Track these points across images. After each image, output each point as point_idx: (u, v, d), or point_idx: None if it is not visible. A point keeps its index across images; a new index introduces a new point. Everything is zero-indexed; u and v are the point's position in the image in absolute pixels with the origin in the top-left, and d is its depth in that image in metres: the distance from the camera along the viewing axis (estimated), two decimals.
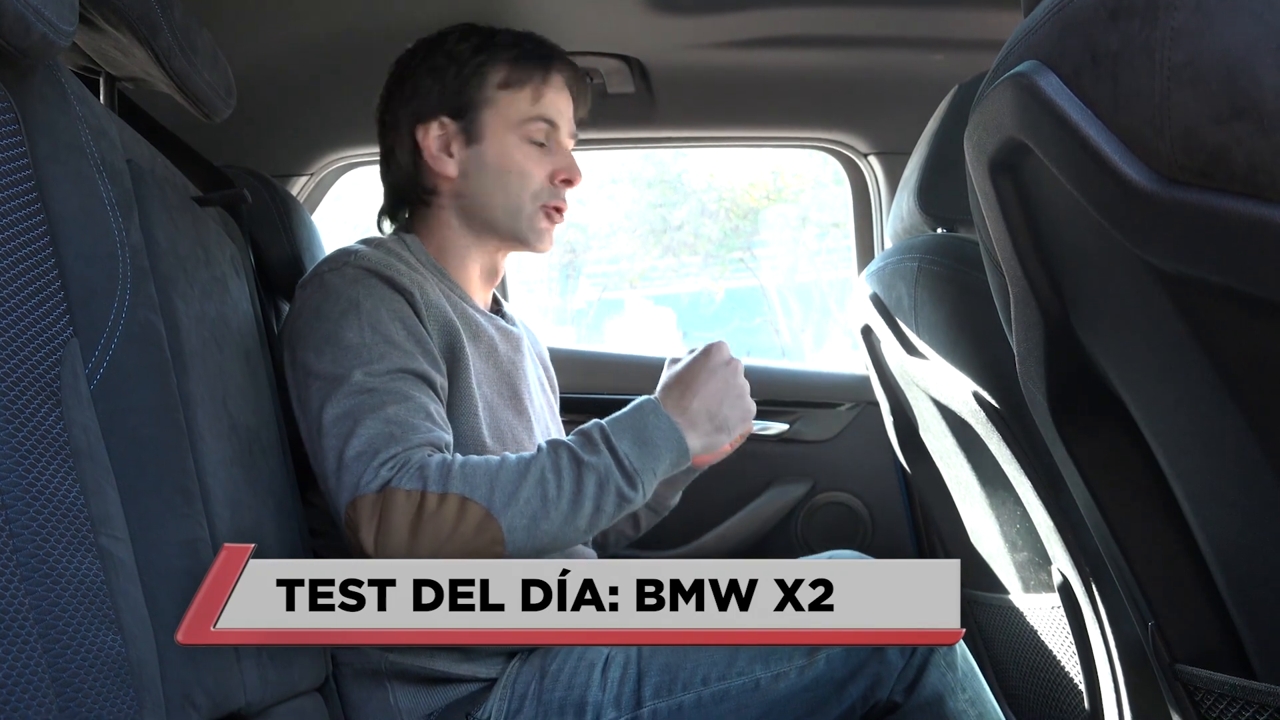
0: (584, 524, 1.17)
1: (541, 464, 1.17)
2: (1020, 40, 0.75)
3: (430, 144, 1.40)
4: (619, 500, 1.18)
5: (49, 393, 0.76)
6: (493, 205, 1.40)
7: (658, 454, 1.21)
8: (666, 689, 1.22)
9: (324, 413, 1.19)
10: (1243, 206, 0.57)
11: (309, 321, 1.25)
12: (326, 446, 1.18)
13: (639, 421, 1.22)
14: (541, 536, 1.16)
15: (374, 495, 1.13)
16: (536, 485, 1.16)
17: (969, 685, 1.22)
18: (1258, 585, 0.80)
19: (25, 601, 0.69)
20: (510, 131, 1.40)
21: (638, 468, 1.19)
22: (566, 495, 1.16)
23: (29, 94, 0.83)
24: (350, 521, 1.14)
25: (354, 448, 1.16)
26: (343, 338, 1.22)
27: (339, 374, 1.20)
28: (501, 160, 1.39)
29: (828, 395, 2.12)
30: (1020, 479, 1.30)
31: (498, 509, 1.14)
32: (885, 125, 2.06)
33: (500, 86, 1.40)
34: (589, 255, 4.78)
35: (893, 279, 1.50)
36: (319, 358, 1.22)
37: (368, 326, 1.23)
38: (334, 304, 1.25)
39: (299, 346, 1.25)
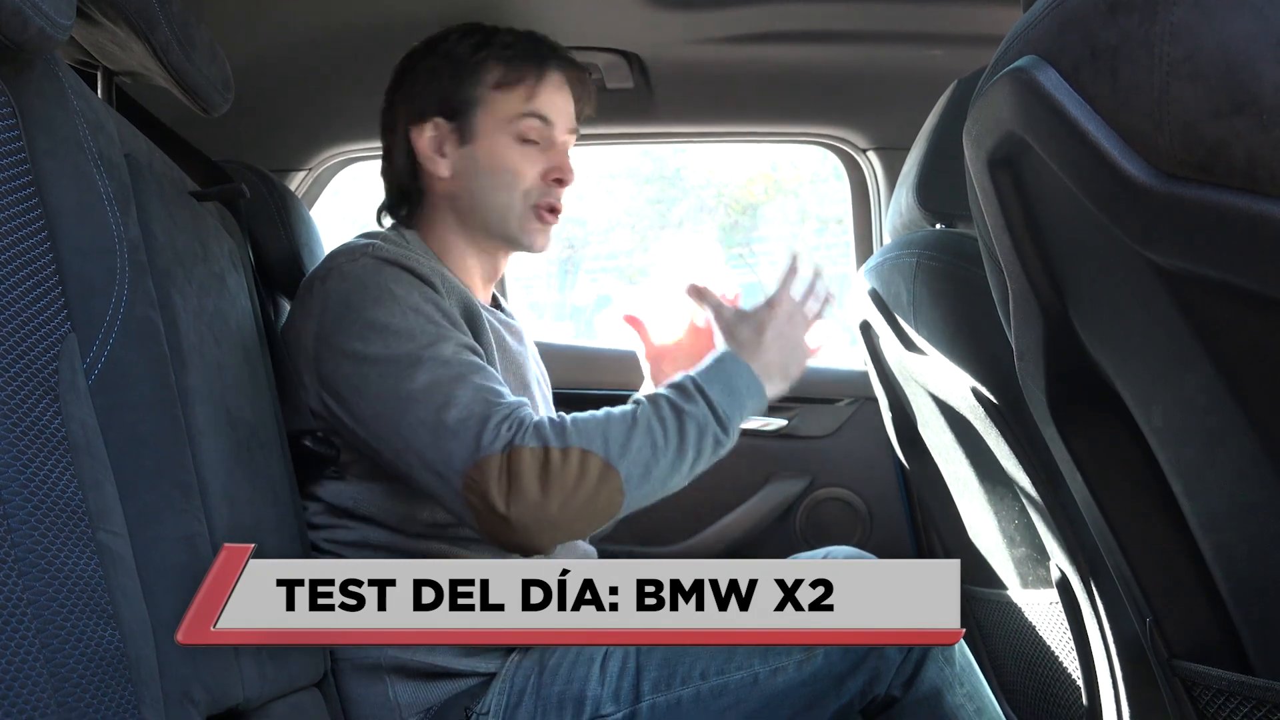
0: (687, 469, 1.21)
1: (647, 415, 1.20)
2: (1019, 35, 0.75)
3: (424, 145, 1.40)
4: (715, 446, 1.22)
5: (47, 388, 0.76)
6: (485, 206, 1.40)
7: (743, 401, 1.25)
8: (665, 683, 1.22)
9: (400, 389, 1.18)
10: (1242, 202, 0.57)
11: (340, 313, 1.24)
12: (414, 420, 1.17)
13: (725, 371, 1.26)
14: (654, 483, 1.19)
15: (499, 455, 1.14)
16: (646, 434, 1.18)
17: (967, 680, 1.22)
18: (1256, 581, 0.80)
19: (23, 597, 0.69)
20: (502, 130, 1.39)
21: (729, 414, 1.23)
22: (673, 442, 1.19)
23: (26, 88, 0.82)
24: (474, 485, 1.14)
25: (454, 415, 1.16)
26: (389, 323, 1.22)
27: (403, 354, 1.20)
28: (493, 160, 1.39)
29: (826, 391, 2.12)
30: (1019, 474, 1.30)
31: (615, 459, 1.16)
32: (884, 120, 2.06)
33: (495, 86, 1.39)
34: (588, 250, 4.78)
35: (891, 274, 1.50)
36: (368, 344, 1.21)
37: (409, 310, 1.23)
38: (364, 293, 1.24)
39: (338, 337, 1.24)
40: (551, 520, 1.15)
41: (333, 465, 1.29)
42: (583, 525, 1.18)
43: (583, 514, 1.16)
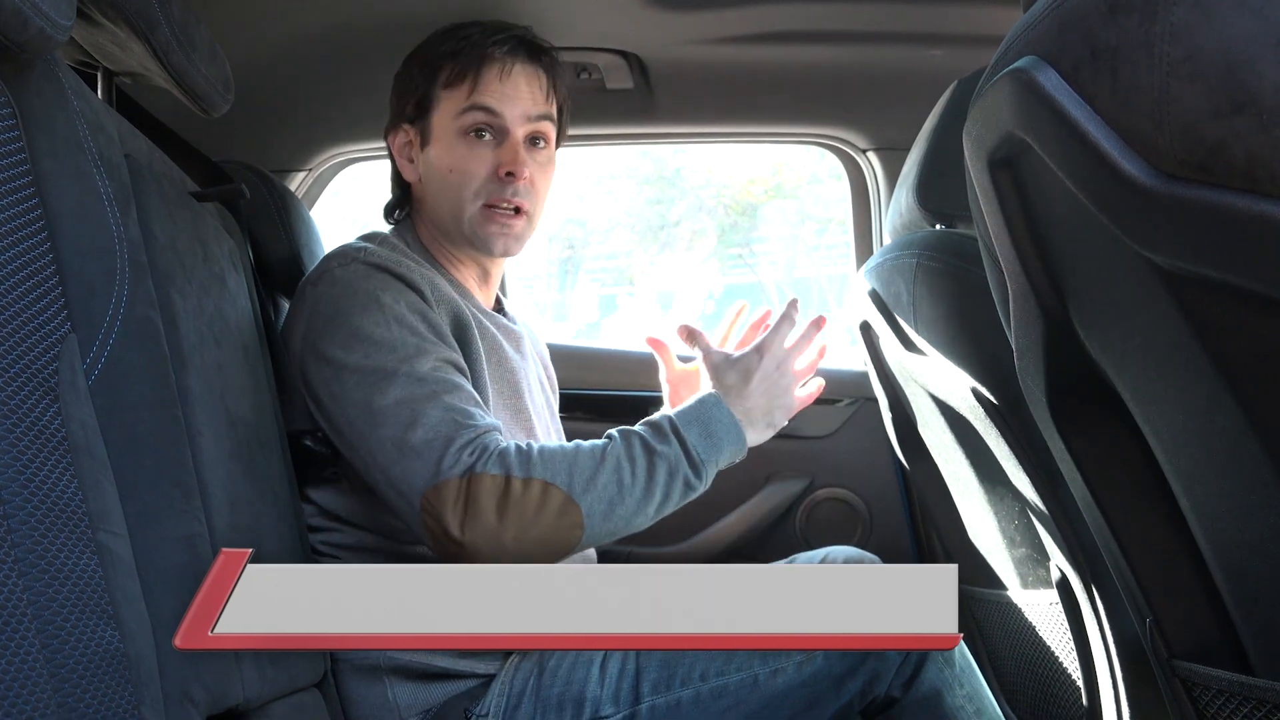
0: (653, 511, 1.20)
1: (616, 451, 1.19)
2: (1019, 35, 0.75)
3: (397, 151, 1.42)
4: (685, 489, 1.21)
5: (47, 388, 0.76)
6: (442, 208, 1.38)
7: (720, 446, 1.24)
8: (665, 685, 1.22)
9: (372, 403, 1.18)
10: (1241, 202, 0.57)
11: (328, 318, 1.25)
12: (382, 435, 1.17)
13: (704, 414, 1.24)
14: (616, 521, 1.17)
15: (458, 480, 1.13)
16: (613, 472, 1.17)
17: (966, 681, 1.22)
18: (1255, 581, 0.80)
19: (23, 597, 0.69)
20: (450, 128, 1.36)
21: (704, 459, 1.22)
22: (640, 482, 1.18)
23: (27, 89, 0.82)
24: (430, 507, 1.14)
25: (419, 435, 1.16)
26: (371, 333, 1.22)
27: (380, 366, 1.20)
28: (445, 159, 1.37)
29: (826, 391, 2.11)
30: (1019, 475, 1.30)
31: (578, 493, 1.15)
32: (884, 121, 2.06)
33: (445, 85, 1.37)
34: (588, 251, 4.78)
35: (891, 275, 1.50)
36: (349, 353, 1.21)
37: (393, 321, 1.23)
38: (352, 299, 1.24)
39: (322, 342, 1.24)
40: (505, 549, 1.13)
41: (332, 465, 1.29)
42: (538, 556, 1.16)
43: (539, 545, 1.15)
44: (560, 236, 4.44)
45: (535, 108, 1.38)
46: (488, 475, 1.14)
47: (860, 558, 1.57)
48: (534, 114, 1.38)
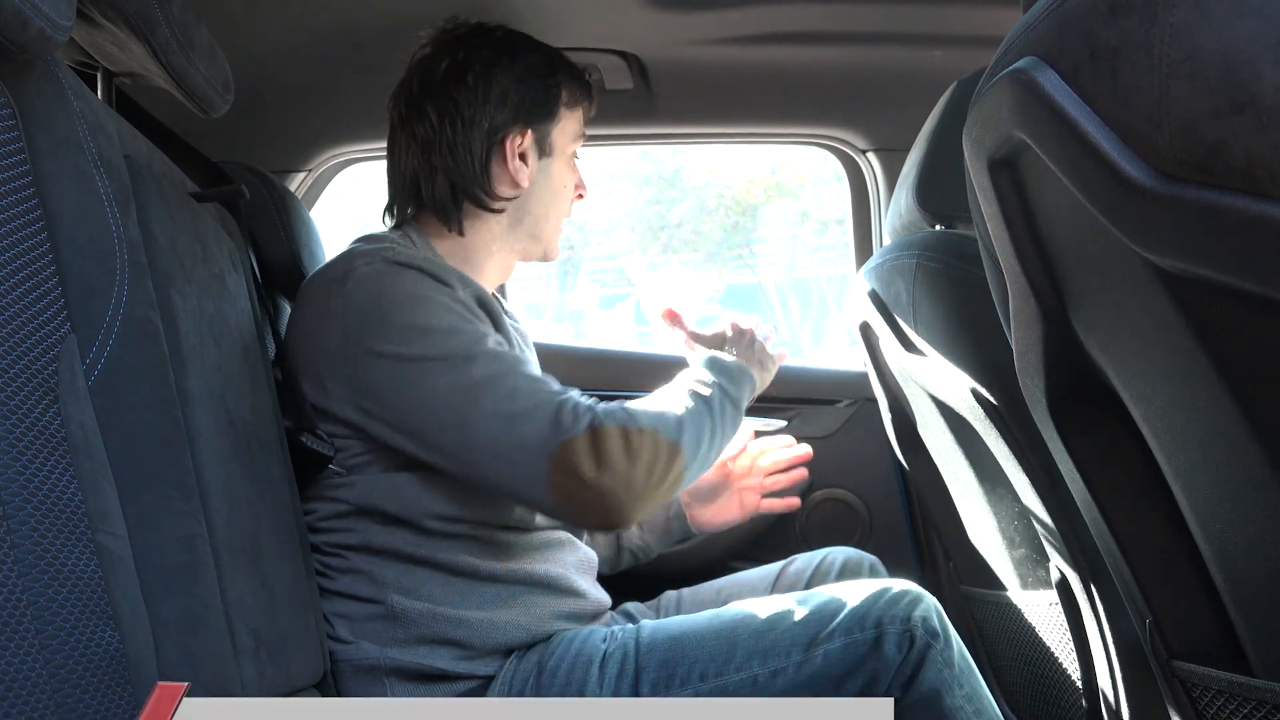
0: (720, 445, 1.34)
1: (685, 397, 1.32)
2: (1019, 36, 0.75)
3: (514, 152, 1.40)
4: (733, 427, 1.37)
5: (46, 389, 0.76)
6: (547, 217, 1.46)
7: (743, 387, 1.40)
8: (664, 685, 1.22)
9: (463, 383, 1.22)
10: (1241, 203, 0.57)
11: (372, 315, 1.24)
12: (483, 410, 1.21)
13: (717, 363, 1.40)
14: (704, 458, 1.30)
15: (584, 434, 1.20)
16: (692, 419, 1.29)
17: (966, 681, 1.22)
18: (1255, 582, 0.80)
19: (23, 598, 0.69)
20: (568, 148, 1.46)
21: (740, 398, 1.38)
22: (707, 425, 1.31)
23: (26, 89, 0.82)
24: (559, 462, 1.19)
25: (522, 403, 1.21)
26: (429, 323, 1.24)
27: (454, 350, 1.23)
28: (562, 175, 1.46)
29: (826, 392, 2.12)
30: (1018, 476, 1.30)
31: (675, 438, 1.26)
32: (884, 122, 2.06)
33: (566, 105, 1.44)
34: (587, 252, 4.78)
35: (891, 276, 1.50)
36: (411, 345, 1.23)
37: (444, 310, 1.26)
38: (394, 294, 1.25)
39: (372, 340, 1.23)
40: (638, 491, 1.21)
41: (330, 464, 1.29)
42: (661, 496, 1.26)
43: (660, 485, 1.23)
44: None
45: None
46: (608, 427, 1.21)
47: (859, 559, 1.57)
48: None
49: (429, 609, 1.27)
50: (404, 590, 1.28)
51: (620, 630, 1.29)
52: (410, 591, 1.28)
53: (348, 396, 1.25)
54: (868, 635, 1.20)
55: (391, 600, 1.27)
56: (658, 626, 1.28)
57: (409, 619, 1.27)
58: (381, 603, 1.27)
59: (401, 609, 1.27)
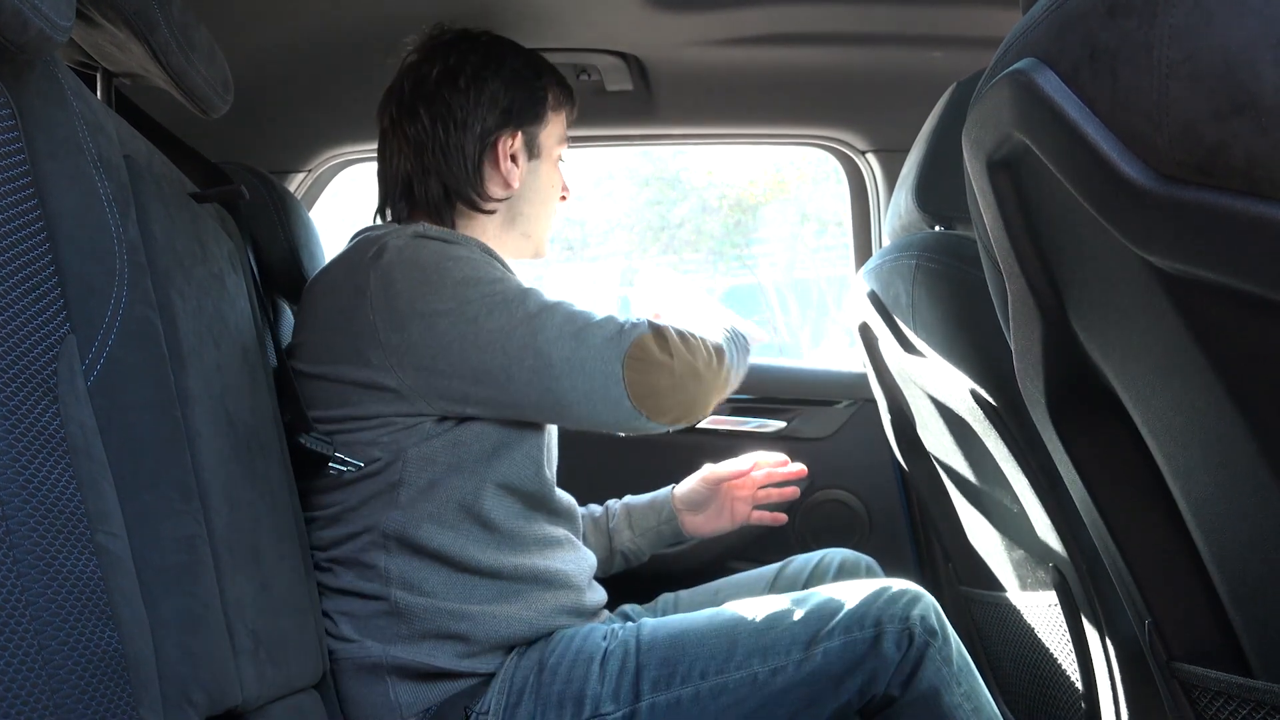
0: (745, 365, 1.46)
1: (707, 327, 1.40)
2: (1018, 37, 0.75)
3: (505, 153, 1.43)
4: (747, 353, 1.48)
5: (46, 389, 0.76)
6: (538, 217, 1.49)
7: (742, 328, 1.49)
8: (665, 683, 1.22)
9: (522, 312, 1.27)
10: (1241, 204, 0.57)
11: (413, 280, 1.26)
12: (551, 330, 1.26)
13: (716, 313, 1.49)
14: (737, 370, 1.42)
15: (646, 334, 1.29)
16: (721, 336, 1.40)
17: (965, 680, 1.23)
18: (1255, 583, 0.80)
19: (21, 598, 0.69)
20: (554, 149, 1.49)
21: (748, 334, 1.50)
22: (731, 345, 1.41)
23: (26, 90, 0.82)
24: (634, 360, 1.27)
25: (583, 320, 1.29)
26: (475, 275, 1.29)
27: (506, 291, 1.28)
28: (550, 176, 1.49)
29: (825, 393, 2.12)
30: (1018, 477, 1.30)
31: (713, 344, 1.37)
32: (883, 123, 2.06)
33: (553, 108, 1.48)
34: (586, 252, 4.78)
35: (890, 276, 1.50)
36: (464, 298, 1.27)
37: (481, 265, 1.31)
38: (429, 259, 1.28)
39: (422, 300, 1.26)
40: (705, 378, 1.32)
41: (329, 463, 1.29)
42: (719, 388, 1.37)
43: (715, 379, 1.35)
44: (559, 238, 4.44)
45: None
46: (663, 326, 1.31)
47: (856, 560, 1.58)
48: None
49: (432, 604, 1.27)
50: (407, 586, 1.28)
51: (621, 628, 1.29)
52: (413, 587, 1.28)
53: (405, 363, 1.26)
54: (867, 634, 1.20)
55: (395, 596, 1.27)
56: (658, 625, 1.28)
57: (413, 614, 1.27)
58: (385, 599, 1.28)
59: (405, 604, 1.27)
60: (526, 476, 1.34)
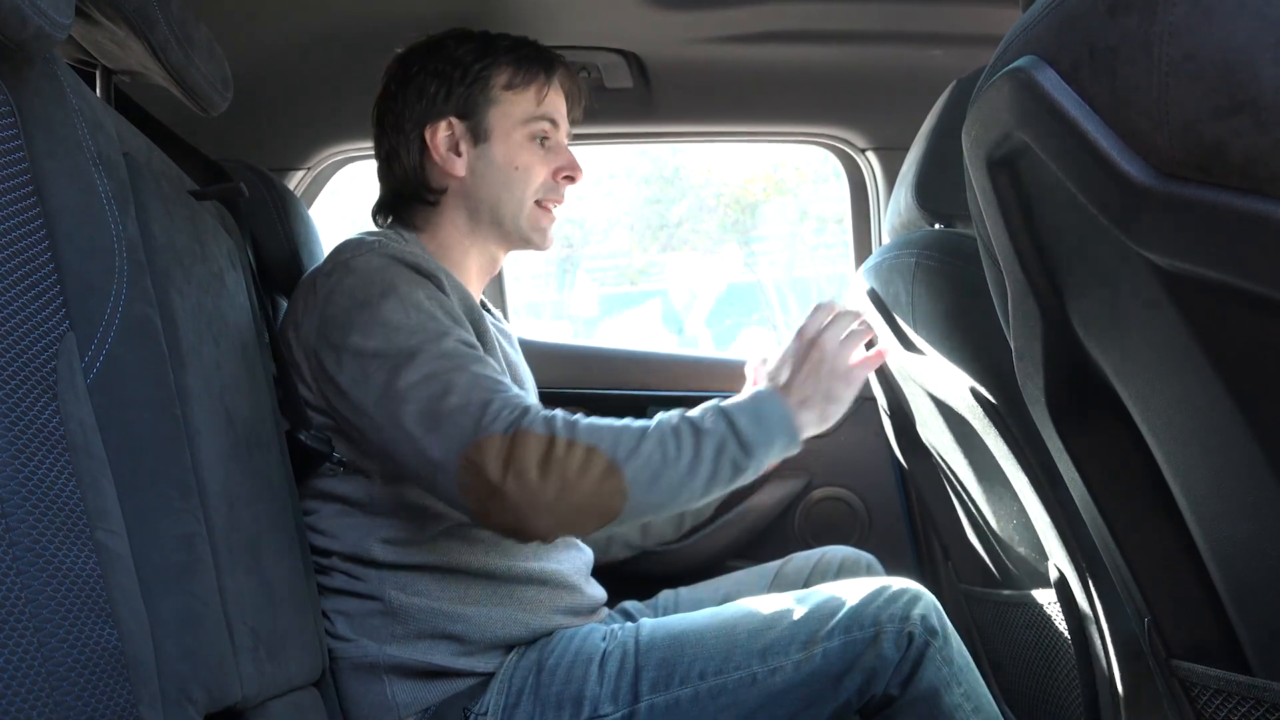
0: (700, 487, 1.20)
1: (663, 427, 1.20)
2: (1019, 35, 0.75)
3: (439, 144, 1.42)
4: (734, 469, 1.21)
5: (45, 387, 0.76)
6: (499, 203, 1.42)
7: (772, 432, 1.24)
8: (664, 683, 1.22)
9: (397, 382, 1.19)
10: (1241, 202, 0.57)
11: (345, 307, 1.25)
12: (409, 410, 1.17)
13: (756, 403, 1.26)
14: (661, 492, 1.18)
15: (501, 435, 1.15)
16: (658, 444, 1.18)
17: (964, 679, 1.22)
18: (1254, 581, 0.80)
19: (21, 596, 0.69)
20: (516, 130, 1.43)
21: (753, 442, 1.22)
22: (686, 456, 1.19)
23: (25, 87, 0.82)
24: (470, 462, 1.14)
25: (453, 401, 1.17)
26: (390, 319, 1.22)
27: (404, 348, 1.21)
28: (509, 158, 1.42)
29: None
30: (1017, 475, 1.30)
31: (621, 460, 1.16)
32: (883, 120, 2.06)
33: (505, 88, 1.42)
34: (586, 250, 4.78)
35: (890, 274, 1.50)
36: (369, 339, 1.22)
37: (411, 307, 1.24)
38: (369, 287, 1.25)
39: (339, 332, 1.24)
40: (547, 505, 1.14)
41: (327, 460, 1.29)
42: (581, 519, 1.18)
43: (581, 508, 1.16)
44: (559, 236, 4.44)
45: (568, 124, 1.49)
46: (533, 433, 1.15)
47: (857, 558, 1.58)
48: (569, 129, 1.49)
49: (427, 605, 1.27)
50: (401, 586, 1.28)
51: (620, 629, 1.29)
52: (407, 588, 1.28)
53: (316, 387, 1.27)
54: (866, 633, 1.20)
55: (389, 596, 1.27)
56: (657, 625, 1.28)
57: (407, 615, 1.27)
58: (380, 599, 1.28)
59: (400, 605, 1.27)
60: None
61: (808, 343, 1.31)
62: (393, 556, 1.28)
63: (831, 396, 1.29)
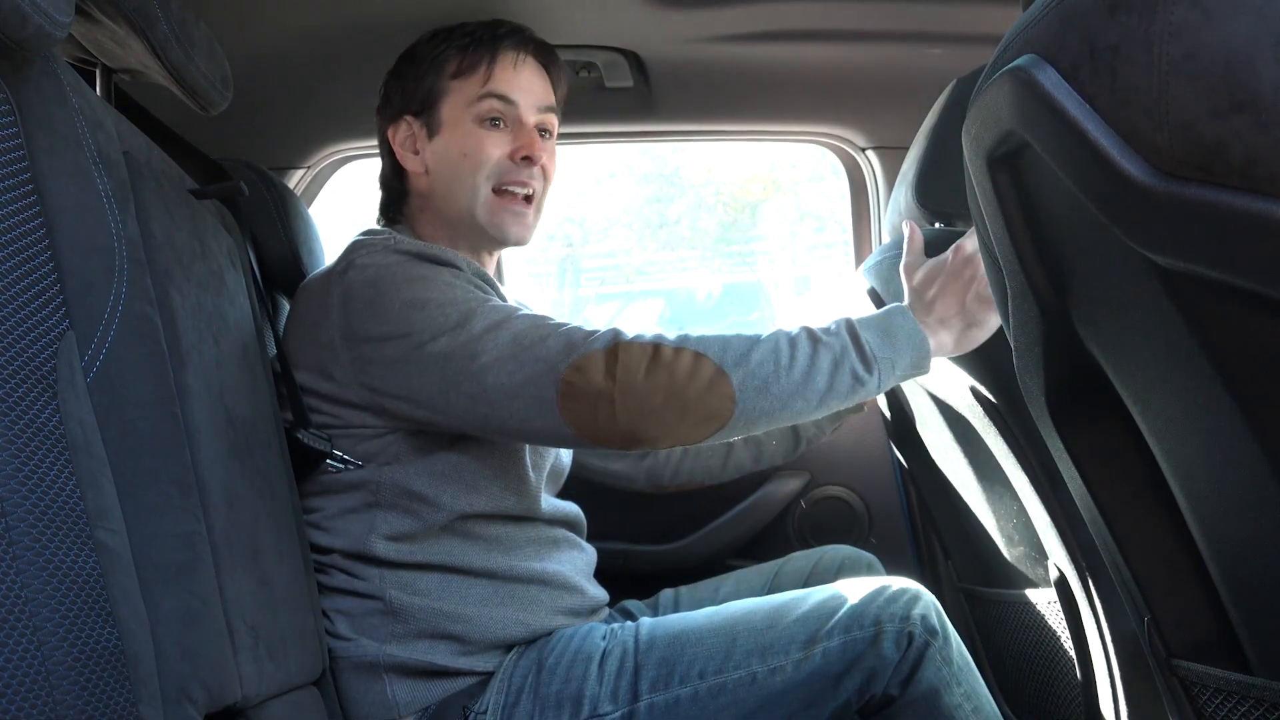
0: (816, 398, 1.17)
1: (778, 336, 1.18)
2: (1019, 34, 0.75)
3: (398, 144, 1.42)
4: (853, 381, 1.19)
5: (45, 385, 0.76)
6: (454, 196, 1.40)
7: (899, 348, 1.21)
8: (663, 683, 1.22)
9: (460, 339, 1.18)
10: (1241, 201, 0.57)
11: (371, 299, 1.24)
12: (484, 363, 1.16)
13: (885, 319, 1.23)
14: (772, 401, 1.15)
15: (600, 350, 1.14)
16: (770, 352, 1.16)
17: (964, 679, 1.22)
18: (1254, 580, 0.80)
19: (21, 595, 0.69)
20: (464, 116, 1.39)
21: (877, 355, 1.19)
22: (800, 365, 1.16)
23: (25, 86, 0.82)
24: (572, 381, 1.13)
25: (529, 339, 1.16)
26: (425, 298, 1.22)
27: (446, 317, 1.20)
28: (458, 145, 1.39)
29: None
30: (1017, 474, 1.30)
31: (730, 366, 1.14)
32: (883, 120, 2.06)
33: (453, 76, 1.40)
34: (586, 249, 4.77)
35: (890, 273, 1.50)
36: (407, 323, 1.21)
37: (438, 285, 1.24)
38: (392, 279, 1.24)
39: (370, 326, 1.23)
40: (655, 410, 1.13)
41: (327, 459, 1.29)
42: (689, 425, 1.15)
43: (688, 412, 1.14)
44: (558, 235, 4.44)
45: (544, 99, 1.43)
46: (636, 343, 1.14)
47: (857, 557, 1.58)
48: (543, 105, 1.43)
49: (426, 604, 1.27)
50: (401, 586, 1.28)
51: (620, 628, 1.29)
52: (407, 587, 1.28)
53: (357, 380, 1.25)
54: (866, 633, 1.20)
55: (389, 596, 1.27)
56: (657, 624, 1.28)
57: (407, 614, 1.27)
58: (380, 599, 1.28)
59: (399, 604, 1.27)
60: (508, 505, 1.33)
61: (963, 259, 1.27)
62: (393, 556, 1.28)
63: (974, 320, 1.26)
